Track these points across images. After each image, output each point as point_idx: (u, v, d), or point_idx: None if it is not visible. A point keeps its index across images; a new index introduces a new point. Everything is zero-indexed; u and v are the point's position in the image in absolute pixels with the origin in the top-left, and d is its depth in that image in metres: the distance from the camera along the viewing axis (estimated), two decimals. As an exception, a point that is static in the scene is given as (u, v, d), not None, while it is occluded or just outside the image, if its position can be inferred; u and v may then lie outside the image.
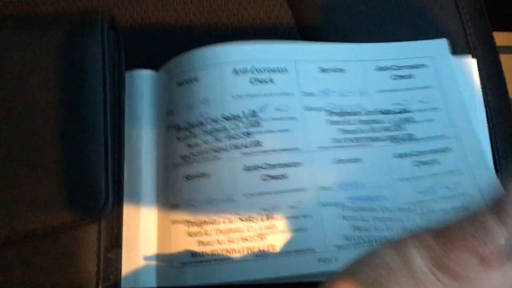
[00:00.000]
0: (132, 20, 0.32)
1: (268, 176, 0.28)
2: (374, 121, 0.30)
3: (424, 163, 0.30)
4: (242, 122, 0.29)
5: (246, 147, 0.28)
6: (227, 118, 0.28)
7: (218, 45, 0.30)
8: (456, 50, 0.33)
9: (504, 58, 0.34)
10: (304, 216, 0.28)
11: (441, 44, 0.33)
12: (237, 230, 0.27)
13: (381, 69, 0.31)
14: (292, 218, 0.28)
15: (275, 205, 0.28)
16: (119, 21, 0.31)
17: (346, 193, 0.29)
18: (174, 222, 0.28)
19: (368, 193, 0.29)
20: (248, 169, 0.28)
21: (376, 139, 0.30)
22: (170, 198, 0.28)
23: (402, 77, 0.32)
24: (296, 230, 0.28)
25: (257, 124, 0.28)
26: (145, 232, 0.28)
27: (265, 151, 0.28)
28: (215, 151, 0.28)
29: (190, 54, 0.29)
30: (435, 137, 0.30)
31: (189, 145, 0.28)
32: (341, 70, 0.31)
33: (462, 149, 0.30)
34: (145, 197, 0.28)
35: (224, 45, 0.30)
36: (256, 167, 0.28)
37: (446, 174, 0.30)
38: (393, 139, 0.30)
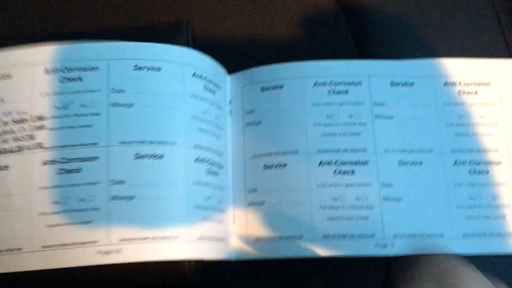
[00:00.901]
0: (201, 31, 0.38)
1: (339, 172, 0.33)
2: (434, 132, 0.34)
3: (476, 172, 0.34)
4: (319, 125, 0.34)
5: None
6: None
7: (303, 62, 0.36)
8: None
9: None
10: (367, 207, 0.33)
11: (508, 64, 0.36)
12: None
13: (448, 84, 0.35)
14: (357, 208, 0.33)
15: (345, 196, 0.33)
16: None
17: (406, 191, 0.33)
18: (250, 204, 0.34)
19: (425, 195, 0.33)
20: (321, 164, 0.34)
21: (433, 149, 0.34)
22: (247, 184, 0.34)
23: (469, 92, 0.35)
24: (360, 218, 0.33)
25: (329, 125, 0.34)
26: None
27: (338, 150, 0.34)
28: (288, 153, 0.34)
29: (278, 66, 0.36)
30: (490, 150, 0.34)
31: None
32: (411, 84, 0.36)
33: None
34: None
35: (308, 62, 0.36)
36: (329, 163, 0.34)
37: (494, 185, 0.33)
38: (454, 150, 0.34)
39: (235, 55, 0.38)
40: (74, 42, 0.31)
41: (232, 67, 0.36)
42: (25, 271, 0.29)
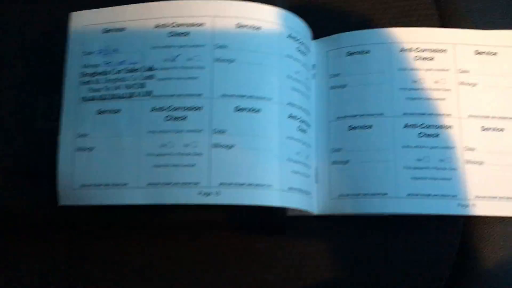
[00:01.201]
0: None
1: (424, 134, 0.35)
2: None
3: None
4: (404, 89, 0.36)
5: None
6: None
7: (390, 28, 0.37)
8: None
9: None
10: (450, 168, 0.34)
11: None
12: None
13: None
14: (440, 169, 0.34)
15: (429, 158, 0.34)
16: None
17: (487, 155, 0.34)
18: (334, 162, 0.36)
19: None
20: (406, 126, 0.35)
21: None
22: (331, 144, 0.36)
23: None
24: (443, 179, 0.34)
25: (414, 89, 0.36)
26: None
27: (423, 114, 0.35)
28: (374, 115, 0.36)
29: (365, 31, 0.37)
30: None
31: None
32: (497, 53, 0.37)
33: None
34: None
35: (395, 28, 0.37)
36: (414, 126, 0.35)
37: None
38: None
39: (319, 21, 0.39)
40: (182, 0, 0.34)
41: (316, 32, 0.38)
42: (126, 207, 0.32)
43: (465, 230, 0.36)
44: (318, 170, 0.36)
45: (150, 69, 0.33)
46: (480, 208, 0.34)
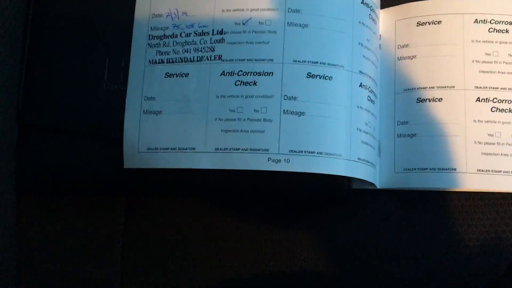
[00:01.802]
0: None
1: (497, 109, 0.34)
2: None
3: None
4: (477, 62, 0.34)
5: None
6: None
7: (462, -1, 0.36)
8: None
9: None
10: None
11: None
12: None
13: None
14: (512, 145, 0.33)
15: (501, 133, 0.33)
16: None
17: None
18: (400, 135, 0.35)
19: None
20: (478, 100, 0.34)
21: None
22: (397, 116, 0.35)
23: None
24: (515, 156, 0.33)
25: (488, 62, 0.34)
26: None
27: (496, 88, 0.34)
28: (445, 87, 0.34)
29: (436, 1, 0.36)
30: None
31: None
32: None
33: None
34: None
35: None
36: (487, 100, 0.34)
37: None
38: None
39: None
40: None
41: (383, 2, 0.37)
42: (194, 175, 0.32)
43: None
44: (382, 143, 0.35)
45: (220, 32, 0.33)
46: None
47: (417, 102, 0.35)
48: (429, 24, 0.36)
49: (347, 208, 0.36)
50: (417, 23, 0.36)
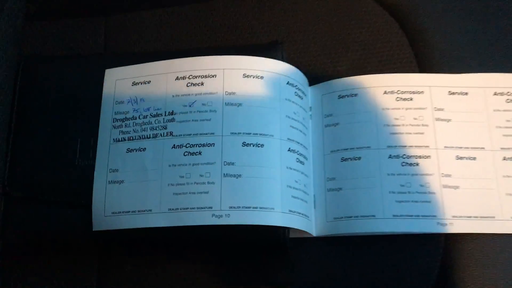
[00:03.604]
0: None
1: (406, 163, 0.40)
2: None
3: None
4: (388, 126, 0.42)
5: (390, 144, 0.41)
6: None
7: (375, 74, 0.43)
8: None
9: None
10: (429, 192, 0.40)
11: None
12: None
13: (497, 94, 0.42)
14: (422, 193, 0.40)
15: (410, 183, 0.40)
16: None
17: (462, 180, 0.40)
18: (329, 190, 0.41)
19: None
20: (390, 157, 0.41)
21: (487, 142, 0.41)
22: (326, 174, 0.42)
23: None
24: (423, 202, 0.39)
25: (397, 125, 0.41)
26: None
27: (404, 146, 0.41)
28: (363, 147, 0.41)
29: (353, 78, 0.43)
30: None
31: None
32: (467, 93, 0.42)
33: None
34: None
35: (379, 75, 0.43)
36: (397, 156, 0.41)
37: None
38: (503, 148, 0.40)
39: (315, 70, 0.46)
40: (197, 56, 0.41)
41: (311, 80, 0.45)
42: (153, 232, 0.38)
43: (445, 247, 0.40)
44: (316, 197, 0.42)
45: (171, 113, 0.40)
46: (457, 227, 0.39)
47: (341, 161, 0.42)
48: (347, 96, 0.43)
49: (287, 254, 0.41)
50: (338, 96, 0.44)
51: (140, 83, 0.41)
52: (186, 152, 0.39)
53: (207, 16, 0.48)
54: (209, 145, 0.39)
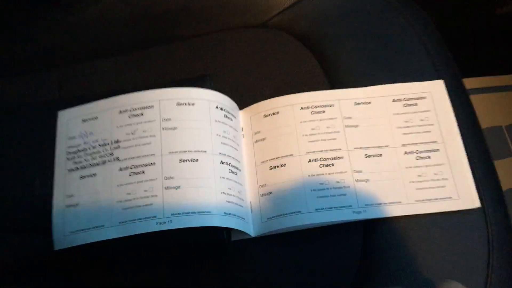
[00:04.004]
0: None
1: (324, 165, 0.47)
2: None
3: (421, 157, 0.47)
4: (306, 135, 0.49)
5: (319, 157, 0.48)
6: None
7: (292, 94, 0.51)
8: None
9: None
10: (345, 186, 0.46)
11: (438, 83, 0.51)
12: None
13: (395, 100, 0.50)
14: (338, 188, 0.46)
15: (328, 181, 0.46)
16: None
17: (372, 175, 0.47)
18: (262, 195, 0.48)
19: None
20: (309, 161, 0.48)
21: (388, 145, 0.48)
22: (259, 181, 0.48)
23: (410, 105, 0.50)
24: (340, 195, 0.46)
25: (313, 134, 0.48)
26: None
27: (321, 151, 0.48)
28: (286, 156, 0.48)
29: (274, 99, 0.51)
30: (430, 142, 0.48)
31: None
32: (371, 102, 0.50)
33: (446, 150, 0.47)
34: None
35: (295, 94, 0.51)
36: (316, 160, 0.47)
37: (434, 165, 0.46)
38: (404, 144, 0.48)
39: (243, 96, 0.53)
40: (136, 92, 0.48)
41: (242, 104, 0.52)
42: (105, 244, 0.43)
43: (365, 234, 0.46)
44: (252, 202, 0.48)
45: (117, 141, 0.46)
46: (370, 213, 0.45)
47: (270, 169, 0.48)
48: (271, 115, 0.50)
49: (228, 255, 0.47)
50: (264, 116, 0.51)
51: (88, 120, 0.48)
52: (131, 172, 0.45)
53: (147, 62, 0.56)
54: (150, 164, 0.45)
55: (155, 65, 0.56)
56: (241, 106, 0.52)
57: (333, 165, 0.47)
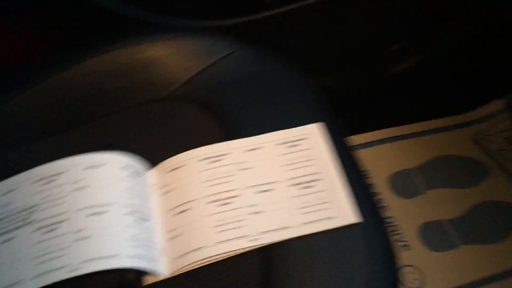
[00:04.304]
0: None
1: (221, 204, 0.53)
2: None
3: (305, 187, 0.54)
4: (207, 181, 0.55)
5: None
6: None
7: (193, 149, 0.58)
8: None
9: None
10: (243, 220, 0.52)
11: (315, 127, 0.60)
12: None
13: (279, 144, 0.58)
14: (236, 222, 0.52)
15: (224, 218, 0.52)
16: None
17: (265, 206, 0.53)
18: (171, 238, 0.53)
19: None
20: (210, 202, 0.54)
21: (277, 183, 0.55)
22: (167, 228, 0.54)
23: (293, 145, 0.58)
24: (238, 227, 0.52)
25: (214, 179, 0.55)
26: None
27: (219, 192, 0.54)
28: (190, 201, 0.54)
29: (178, 155, 0.58)
30: (312, 173, 0.55)
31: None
32: (260, 148, 0.58)
33: (325, 180, 0.55)
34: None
35: (196, 149, 0.58)
36: (215, 201, 0.54)
37: (317, 193, 0.54)
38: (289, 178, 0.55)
39: (155, 157, 0.60)
40: (49, 163, 0.54)
41: (154, 164, 0.59)
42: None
43: (267, 261, 0.52)
44: (161, 245, 0.53)
45: (31, 208, 0.51)
46: (264, 239, 0.51)
47: (177, 215, 0.54)
48: (176, 169, 0.57)
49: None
50: (171, 170, 0.57)
51: (6, 193, 0.53)
52: (45, 231, 0.50)
53: (65, 144, 0.63)
54: (62, 221, 0.50)
55: (73, 146, 0.63)
56: (153, 165, 0.59)
57: (230, 203, 0.54)
